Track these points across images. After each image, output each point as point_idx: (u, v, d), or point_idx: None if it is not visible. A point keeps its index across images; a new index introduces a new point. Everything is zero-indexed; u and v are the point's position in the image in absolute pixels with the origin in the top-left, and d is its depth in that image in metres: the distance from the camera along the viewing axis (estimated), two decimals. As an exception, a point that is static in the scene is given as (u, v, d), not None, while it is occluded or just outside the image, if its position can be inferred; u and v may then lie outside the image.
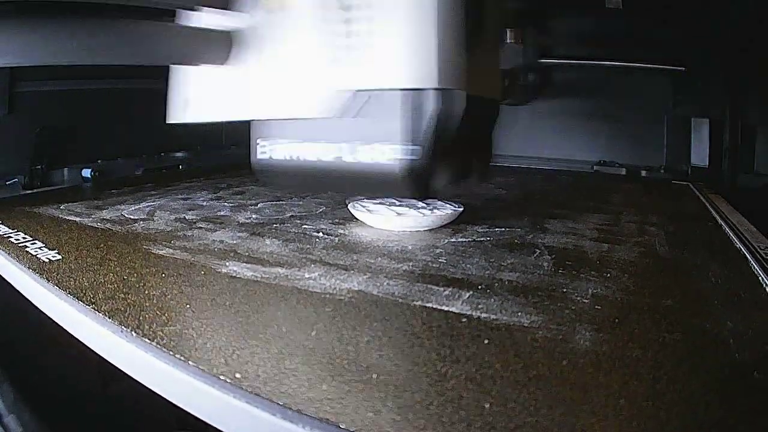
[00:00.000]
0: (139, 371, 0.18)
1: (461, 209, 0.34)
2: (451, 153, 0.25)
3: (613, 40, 0.64)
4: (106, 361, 0.19)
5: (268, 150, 0.27)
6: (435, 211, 0.33)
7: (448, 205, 0.34)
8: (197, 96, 0.29)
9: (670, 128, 0.65)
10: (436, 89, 0.23)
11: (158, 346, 0.17)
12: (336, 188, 0.27)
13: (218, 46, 0.26)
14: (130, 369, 0.18)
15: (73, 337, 0.21)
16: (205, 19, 0.27)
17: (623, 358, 0.17)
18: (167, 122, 0.31)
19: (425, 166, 0.23)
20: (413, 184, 0.24)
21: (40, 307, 0.24)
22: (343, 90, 0.24)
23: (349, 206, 0.34)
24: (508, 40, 0.65)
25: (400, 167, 0.23)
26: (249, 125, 0.28)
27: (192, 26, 0.26)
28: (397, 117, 0.23)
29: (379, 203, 0.34)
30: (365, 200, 0.35)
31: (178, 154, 0.67)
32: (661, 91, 0.65)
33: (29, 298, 0.25)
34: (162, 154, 0.66)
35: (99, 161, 0.58)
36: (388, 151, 0.23)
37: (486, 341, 0.18)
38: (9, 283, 0.28)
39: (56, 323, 0.22)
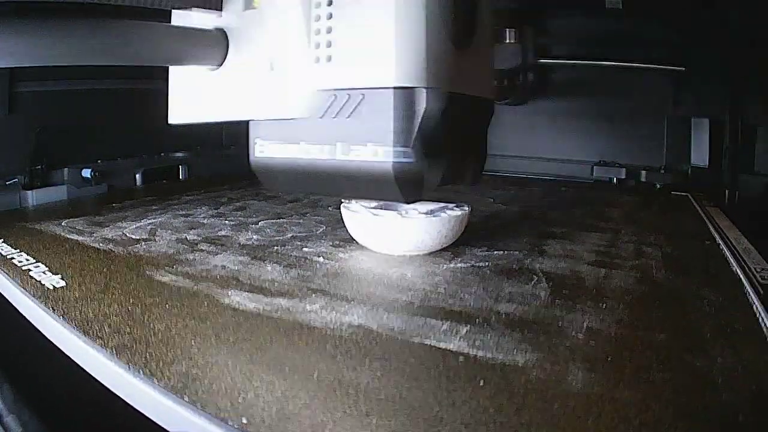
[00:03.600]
0: (145, 407, 0.19)
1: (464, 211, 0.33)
2: (444, 153, 0.25)
3: (612, 40, 0.64)
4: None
5: (265, 149, 0.27)
6: (442, 213, 0.32)
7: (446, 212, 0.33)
8: (193, 97, 0.29)
9: (670, 128, 0.66)
10: (426, 88, 0.22)
11: (166, 387, 0.18)
12: (330, 189, 0.26)
13: (212, 47, 0.27)
14: (136, 403, 0.19)
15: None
16: (196, 19, 0.27)
17: (613, 401, 0.17)
18: (167, 123, 0.31)
19: (417, 168, 0.23)
20: (405, 185, 0.23)
21: (46, 335, 0.25)
22: (333, 89, 0.24)
23: (345, 214, 0.34)
24: (507, 40, 0.66)
25: (392, 168, 0.23)
26: (247, 125, 0.28)
27: (187, 27, 0.27)
28: (389, 117, 0.23)
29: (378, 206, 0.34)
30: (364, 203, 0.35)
31: (178, 154, 0.67)
32: (661, 91, 0.65)
33: (35, 325, 0.26)
34: (162, 154, 0.66)
35: (99, 161, 0.58)
36: (380, 151, 0.23)
37: (481, 382, 0.18)
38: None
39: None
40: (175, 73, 0.30)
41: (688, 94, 0.64)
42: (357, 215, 0.33)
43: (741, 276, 0.30)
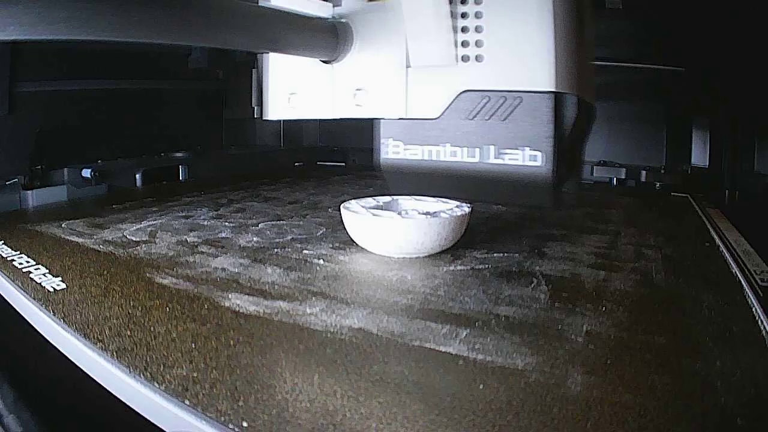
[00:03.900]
0: (147, 410, 0.19)
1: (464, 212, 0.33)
2: (568, 158, 0.24)
3: (612, 40, 0.64)
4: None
5: (400, 150, 0.26)
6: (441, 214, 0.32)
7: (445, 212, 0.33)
8: (300, 91, 0.28)
9: (670, 128, 0.66)
10: (574, 95, 0.22)
11: (167, 391, 0.18)
12: (471, 193, 0.26)
13: (333, 38, 0.25)
14: (137, 407, 0.19)
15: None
16: (310, 6, 0.26)
17: (612, 405, 0.18)
18: (265, 118, 0.29)
19: (562, 173, 0.23)
20: (557, 190, 0.23)
21: (46, 337, 0.25)
22: (484, 90, 0.23)
23: (344, 215, 0.34)
24: None
25: (551, 174, 0.23)
26: (374, 123, 0.27)
27: (308, 15, 0.25)
28: (549, 122, 0.22)
29: (376, 206, 0.34)
30: (362, 203, 0.35)
31: (178, 154, 0.68)
32: (661, 91, 0.65)
33: (35, 327, 0.26)
34: (162, 154, 0.67)
35: (99, 161, 0.58)
36: (539, 156, 0.23)
37: (481, 386, 0.18)
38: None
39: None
40: (277, 65, 0.29)
41: (688, 94, 0.64)
42: (357, 216, 0.32)
43: (741, 278, 0.31)
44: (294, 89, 0.28)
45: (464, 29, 0.23)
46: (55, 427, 0.28)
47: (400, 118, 0.26)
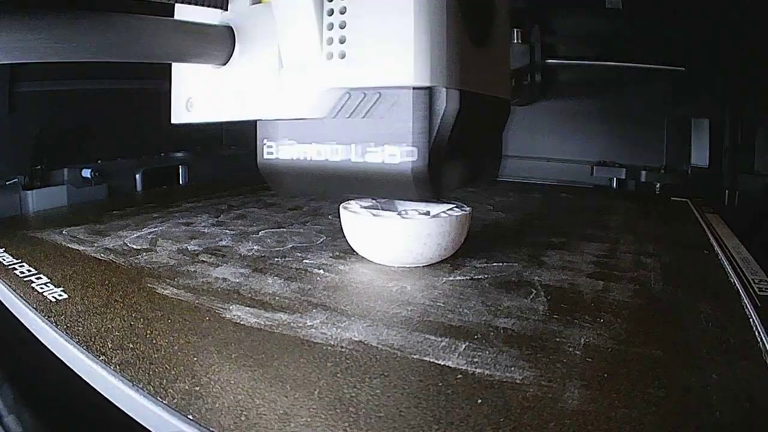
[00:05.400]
0: (150, 424, 0.19)
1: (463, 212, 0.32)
2: (461, 154, 0.24)
3: (613, 40, 0.65)
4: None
5: (274, 150, 0.26)
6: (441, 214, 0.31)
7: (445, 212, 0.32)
8: (197, 96, 0.28)
9: (670, 128, 0.66)
10: (446, 88, 0.22)
11: (170, 405, 0.18)
12: (343, 190, 0.26)
13: (218, 43, 0.26)
14: (141, 419, 0.19)
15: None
16: (201, 14, 0.26)
17: (608, 419, 0.18)
18: (170, 123, 0.30)
19: (435, 169, 0.23)
20: (424, 187, 0.23)
21: (48, 347, 0.25)
22: (347, 88, 0.23)
23: (343, 216, 0.33)
24: (514, 40, 0.66)
25: (411, 171, 0.22)
26: (255, 125, 0.27)
27: (193, 22, 0.26)
28: (408, 118, 0.22)
29: (373, 206, 0.34)
30: (363, 203, 0.34)
31: (178, 155, 0.68)
32: (661, 91, 0.65)
33: (37, 337, 0.26)
34: (162, 154, 0.67)
35: (99, 161, 0.58)
36: (398, 153, 0.22)
37: (479, 401, 0.19)
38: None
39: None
40: (179, 71, 0.29)
41: (688, 94, 0.64)
42: (356, 217, 0.32)
43: (739, 287, 0.31)
44: (190, 94, 0.29)
45: (330, 26, 0.23)
46: (55, 428, 0.28)
47: (274, 119, 0.25)
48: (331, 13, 0.23)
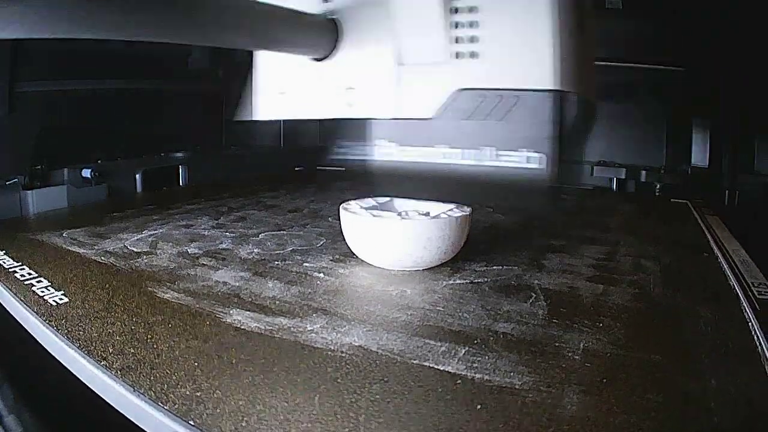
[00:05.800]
0: (151, 428, 0.19)
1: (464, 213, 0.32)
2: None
3: (612, 40, 0.65)
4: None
5: (393, 151, 0.25)
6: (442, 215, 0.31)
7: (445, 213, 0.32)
8: (288, 90, 0.27)
9: (670, 128, 0.66)
10: (575, 93, 0.21)
11: (171, 410, 0.18)
12: (457, 193, 0.25)
13: (324, 34, 0.24)
14: (142, 424, 0.19)
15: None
16: (296, 2, 0.24)
17: (606, 425, 0.18)
18: (251, 119, 0.28)
19: (555, 175, 0.23)
20: (550, 191, 0.23)
21: (48, 350, 0.25)
22: (478, 89, 0.22)
23: (343, 217, 0.33)
24: None
25: (548, 176, 0.22)
26: (366, 124, 0.26)
27: (296, 10, 0.24)
28: (547, 122, 0.21)
29: (373, 206, 0.33)
30: (363, 204, 0.34)
31: (178, 155, 0.68)
32: (661, 91, 0.65)
33: (38, 341, 0.26)
34: (162, 154, 0.67)
35: (99, 161, 0.58)
36: (535, 158, 0.22)
37: (478, 406, 0.19)
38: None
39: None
40: (265, 63, 0.27)
41: (688, 94, 0.64)
42: (356, 218, 0.32)
43: (738, 291, 0.31)
44: (283, 88, 0.27)
45: (456, 24, 0.22)
46: (55, 428, 0.28)
47: (392, 119, 0.25)
48: (455, 11, 0.22)
